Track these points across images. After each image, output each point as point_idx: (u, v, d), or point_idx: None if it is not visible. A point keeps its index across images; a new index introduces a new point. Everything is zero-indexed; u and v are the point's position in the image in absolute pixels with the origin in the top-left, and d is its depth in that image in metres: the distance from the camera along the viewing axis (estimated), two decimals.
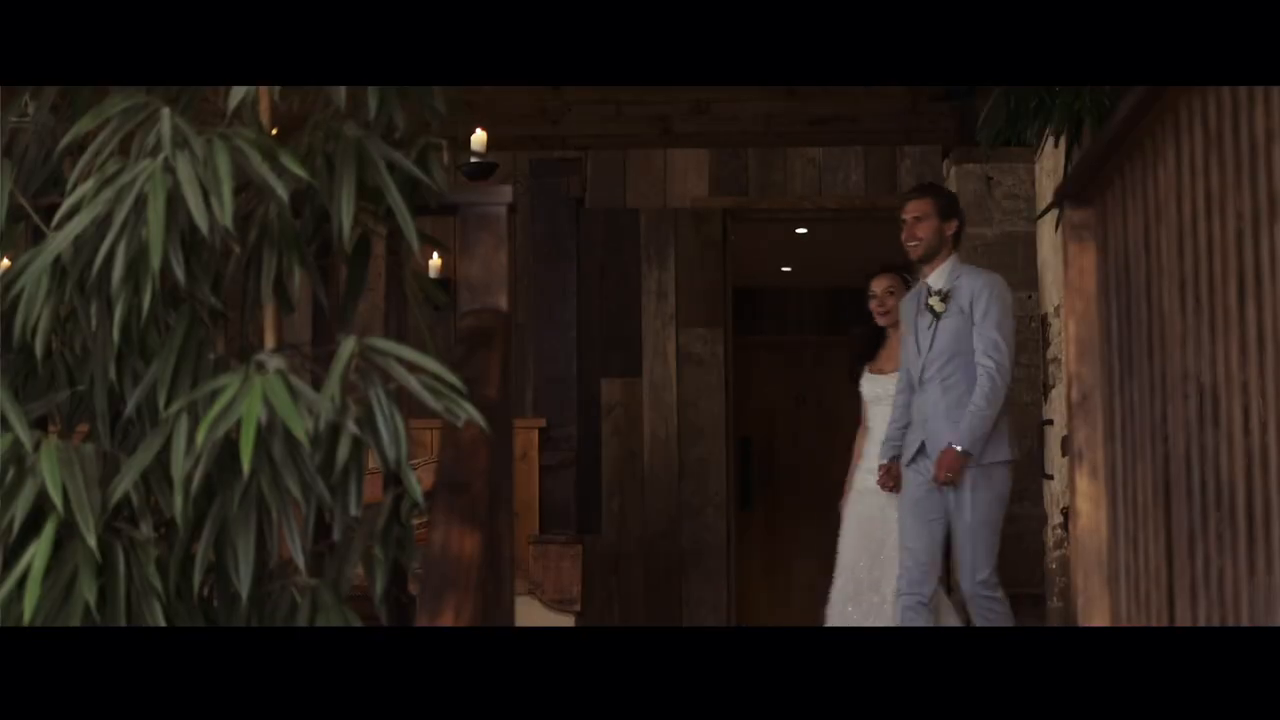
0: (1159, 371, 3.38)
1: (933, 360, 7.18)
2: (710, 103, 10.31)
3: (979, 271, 7.41)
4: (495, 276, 4.11)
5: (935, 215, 7.26)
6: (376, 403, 3.27)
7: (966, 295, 7.13)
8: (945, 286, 7.17)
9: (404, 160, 3.54)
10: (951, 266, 7.25)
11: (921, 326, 7.23)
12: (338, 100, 3.42)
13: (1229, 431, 2.90)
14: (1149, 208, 3.39)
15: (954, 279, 7.19)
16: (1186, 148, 3.08)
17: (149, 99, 3.45)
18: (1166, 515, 3.34)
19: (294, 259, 3.49)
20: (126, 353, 3.39)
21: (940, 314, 7.15)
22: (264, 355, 3.33)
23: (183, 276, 3.27)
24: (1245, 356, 2.79)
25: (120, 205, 3.23)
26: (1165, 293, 3.29)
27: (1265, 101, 2.61)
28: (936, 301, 7.15)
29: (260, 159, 3.32)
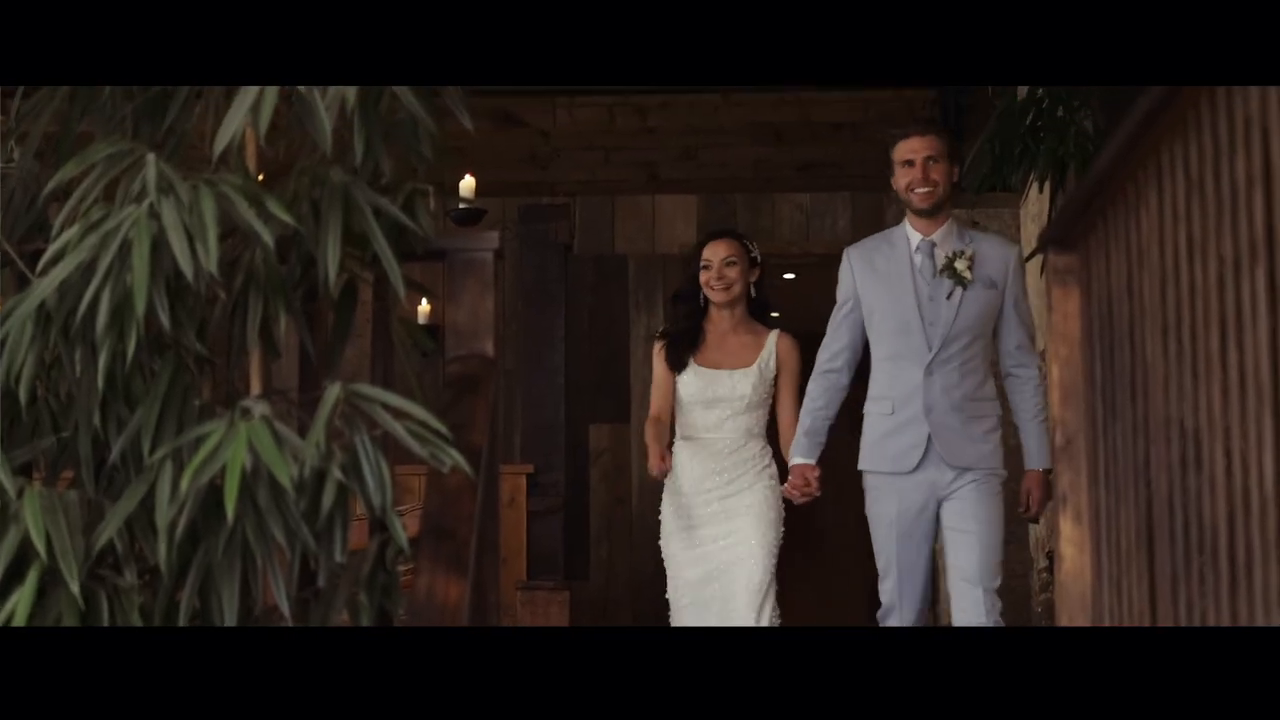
0: (1142, 415, 3.39)
1: (955, 338, 5.77)
2: (698, 149, 10.34)
3: (997, 237, 6.26)
4: (482, 322, 4.11)
5: (947, 158, 5.91)
6: (362, 449, 3.27)
7: (998, 266, 5.81)
8: (961, 249, 5.82)
9: (390, 206, 3.54)
10: (956, 226, 5.93)
11: (929, 294, 5.80)
12: (324, 145, 3.42)
13: (1211, 475, 2.91)
14: (1132, 252, 3.40)
15: (965, 241, 5.86)
16: (1169, 193, 3.10)
17: (134, 145, 3.46)
18: (1150, 559, 3.34)
19: (280, 305, 3.48)
20: (111, 399, 3.39)
21: (967, 282, 5.77)
22: (249, 401, 3.32)
23: (168, 322, 3.27)
24: (1227, 400, 2.80)
25: (105, 251, 3.23)
26: (1148, 337, 3.30)
27: (1246, 147, 2.63)
28: (964, 265, 5.77)
29: (246, 205, 3.32)
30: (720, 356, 6.58)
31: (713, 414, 6.52)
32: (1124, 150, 3.26)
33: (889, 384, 5.87)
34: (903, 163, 5.88)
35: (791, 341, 6.64)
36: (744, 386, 6.49)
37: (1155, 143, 3.13)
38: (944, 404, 5.75)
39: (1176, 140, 3.01)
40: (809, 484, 6.00)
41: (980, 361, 5.83)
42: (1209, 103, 2.79)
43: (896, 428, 5.81)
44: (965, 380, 5.78)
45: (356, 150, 3.52)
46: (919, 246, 5.86)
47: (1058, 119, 6.40)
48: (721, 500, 6.47)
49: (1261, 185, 2.57)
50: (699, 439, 6.55)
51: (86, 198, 3.36)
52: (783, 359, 6.58)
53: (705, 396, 6.51)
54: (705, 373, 6.53)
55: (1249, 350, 2.65)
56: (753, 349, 6.59)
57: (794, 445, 6.10)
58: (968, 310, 5.77)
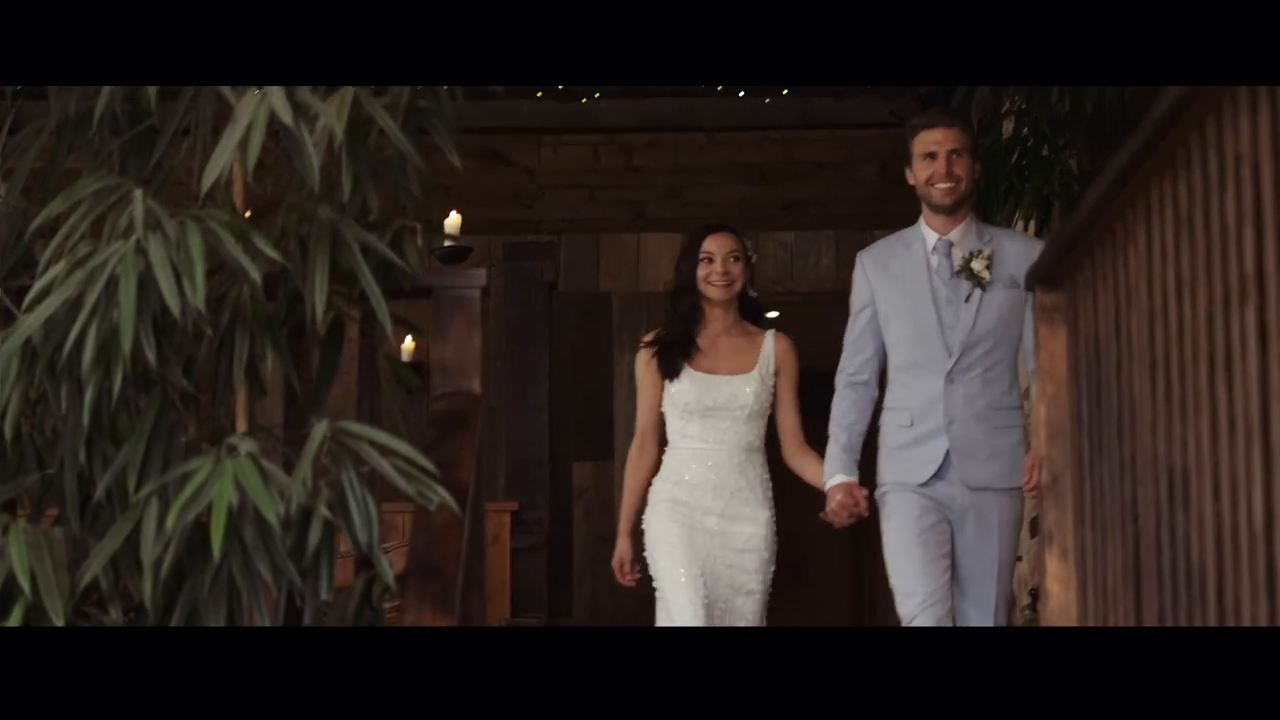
0: (1129, 453, 3.39)
1: (975, 343, 5.36)
2: (683, 188, 10.35)
3: (1019, 234, 5.86)
4: (469, 360, 4.12)
5: (971, 153, 5.47)
6: (349, 486, 3.26)
7: (1020, 263, 5.20)
8: (980, 248, 5.39)
9: (378, 243, 3.54)
10: (975, 224, 5.47)
11: (948, 296, 5.39)
12: (312, 182, 3.41)
13: (1200, 514, 2.90)
14: (1120, 290, 3.40)
15: (985, 239, 5.43)
16: (1157, 231, 3.10)
17: (121, 181, 3.45)
18: (1136, 597, 3.34)
19: (266, 342, 3.48)
20: (96, 436, 3.38)
21: (985, 283, 5.34)
22: (235, 438, 3.31)
23: (154, 359, 3.26)
24: (1216, 439, 2.80)
25: (91, 287, 3.22)
26: (1135, 375, 3.30)
27: (1236, 185, 2.63)
28: (981, 265, 5.34)
29: (233, 241, 3.32)
30: (716, 361, 5.95)
31: (710, 425, 5.90)
32: (1112, 188, 3.27)
33: (907, 394, 5.45)
34: (924, 155, 5.40)
35: (789, 343, 6.03)
36: (745, 394, 5.89)
37: (1144, 181, 3.14)
38: (967, 414, 5.34)
39: (1165, 178, 3.02)
40: (858, 504, 5.45)
41: (1005, 368, 5.39)
42: (1198, 141, 2.80)
43: (915, 440, 5.40)
44: (989, 389, 5.36)
45: (345, 187, 3.51)
46: (935, 246, 5.43)
47: (1043, 158, 6.41)
48: (720, 519, 5.85)
49: (1252, 223, 2.57)
50: (694, 450, 5.92)
51: (73, 234, 3.36)
52: (781, 362, 5.98)
53: (702, 405, 5.89)
54: (702, 379, 5.90)
55: (1238, 388, 2.65)
56: (749, 352, 5.99)
57: (831, 463, 5.55)
58: (988, 313, 5.35)
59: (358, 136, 3.54)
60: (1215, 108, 2.68)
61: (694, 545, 5.77)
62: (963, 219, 5.41)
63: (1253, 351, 2.58)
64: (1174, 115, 2.83)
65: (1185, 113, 2.79)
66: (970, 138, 5.44)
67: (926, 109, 6.03)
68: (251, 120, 3.35)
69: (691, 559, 5.75)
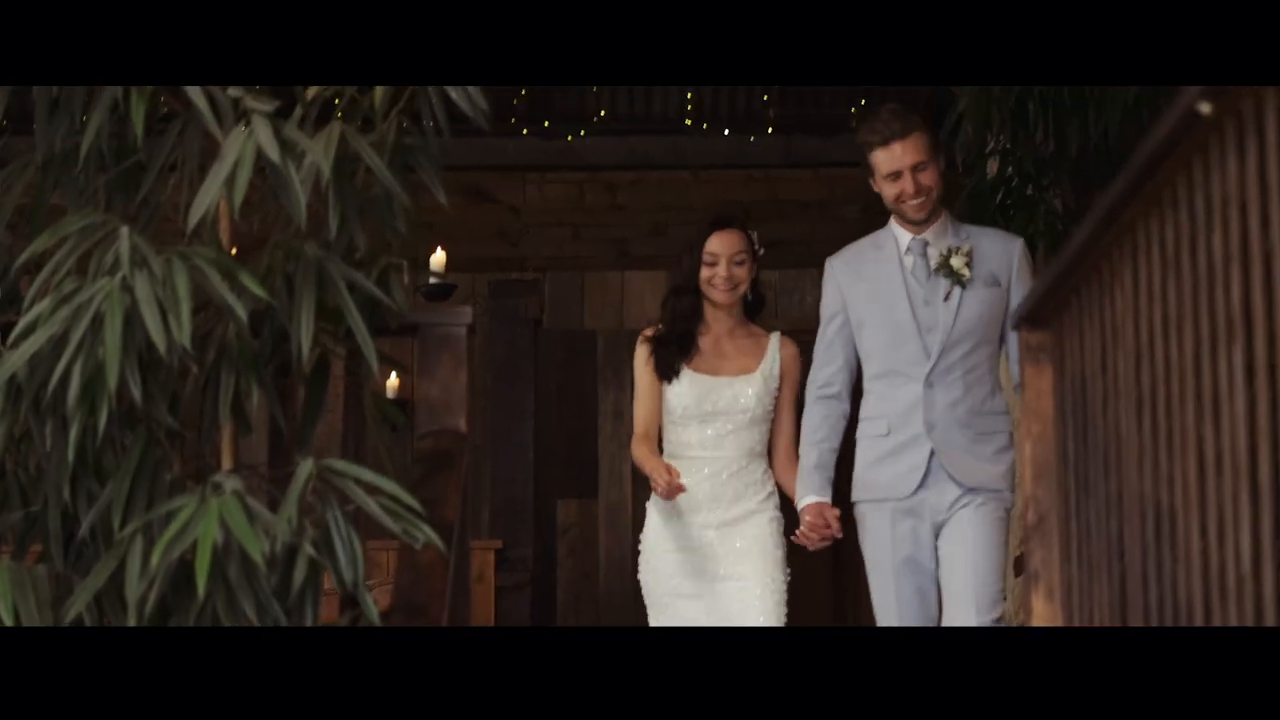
0: (1115, 492, 3.39)
1: (956, 344, 5.08)
2: (668, 225, 10.36)
3: (996, 230, 5.55)
4: (454, 397, 4.12)
5: (934, 155, 5.17)
6: (334, 524, 3.26)
7: (1000, 261, 5.12)
8: (957, 244, 5.14)
9: (364, 281, 3.55)
10: (950, 221, 5.22)
11: (925, 297, 5.13)
12: (298, 219, 3.42)
13: (1187, 553, 2.90)
14: (1106, 329, 3.41)
15: (961, 236, 5.18)
16: (1144, 270, 3.10)
17: (107, 217, 3.45)
18: None
19: (252, 379, 3.48)
20: (81, 473, 3.37)
21: (966, 280, 5.08)
22: (220, 476, 3.32)
23: (139, 396, 3.26)
24: (1203, 478, 2.80)
25: (77, 324, 3.22)
26: (1122, 413, 3.30)
27: (1223, 224, 2.63)
28: (961, 262, 5.08)
29: (219, 278, 3.32)
30: (717, 362, 5.61)
31: (709, 429, 5.55)
32: (1099, 228, 3.27)
33: (882, 403, 5.16)
34: (887, 176, 5.12)
35: (795, 349, 5.70)
36: (747, 397, 5.54)
37: (1130, 221, 3.14)
38: (948, 420, 5.04)
39: (1152, 218, 3.02)
40: (829, 524, 5.15)
41: (986, 371, 5.10)
42: (1185, 180, 2.80)
43: (894, 450, 5.09)
44: (971, 392, 5.06)
45: (331, 225, 3.52)
46: (910, 247, 5.16)
47: (1027, 197, 6.42)
48: (719, 530, 5.49)
49: (1239, 263, 2.57)
50: (692, 458, 5.55)
51: (59, 270, 3.36)
52: (786, 367, 5.65)
53: (702, 409, 5.54)
54: (702, 380, 5.56)
55: (1225, 427, 2.65)
56: (753, 354, 5.66)
57: (802, 482, 5.26)
58: (968, 312, 5.07)
59: (344, 174, 3.55)
60: (1202, 148, 2.68)
61: (690, 566, 5.46)
62: (936, 217, 5.15)
63: (1240, 390, 2.58)
64: (1161, 155, 2.83)
65: (1172, 153, 2.80)
66: (929, 139, 5.13)
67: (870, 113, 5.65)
68: (238, 157, 3.36)
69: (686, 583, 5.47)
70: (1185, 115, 2.64)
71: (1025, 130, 6.18)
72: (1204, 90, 2.55)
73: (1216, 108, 2.56)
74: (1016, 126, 6.18)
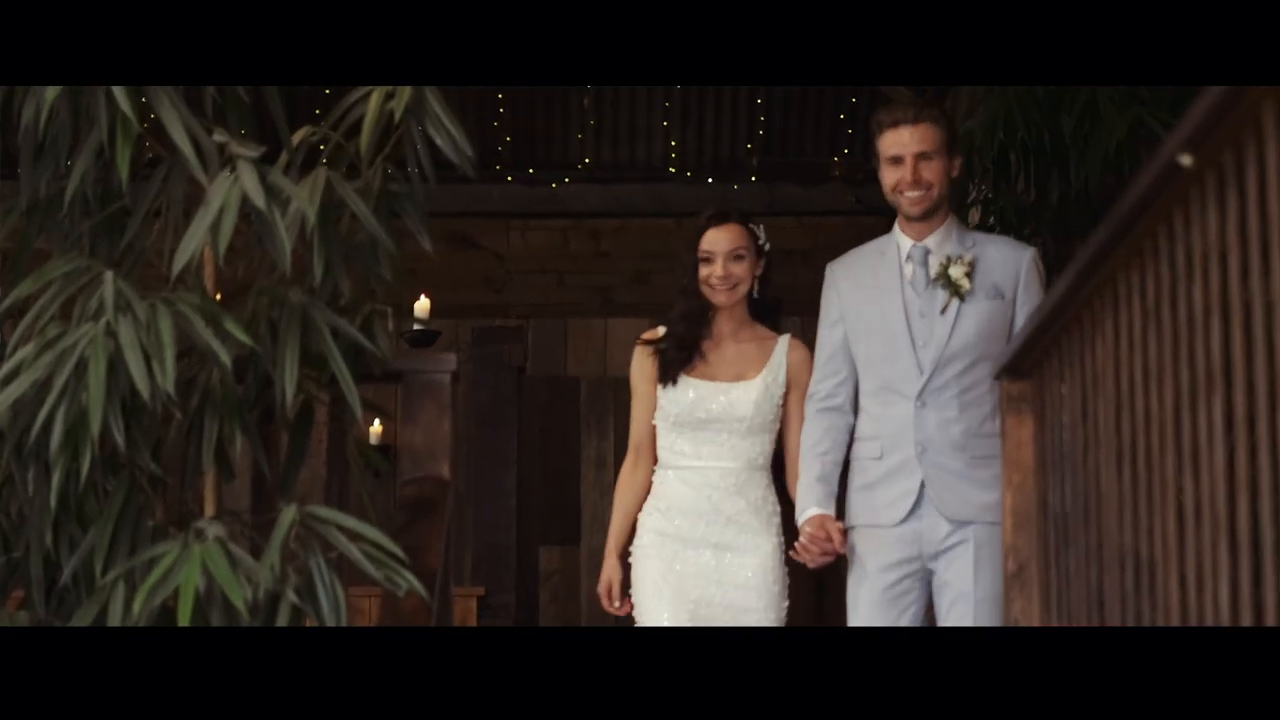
0: (1095, 543, 3.40)
1: (950, 360, 4.69)
2: (651, 273, 10.37)
3: (1006, 239, 5.14)
4: (439, 444, 4.12)
5: (945, 150, 4.77)
6: (317, 571, 3.25)
7: (1006, 271, 4.74)
8: (960, 253, 4.76)
9: (349, 327, 3.55)
10: (956, 227, 4.83)
11: (921, 308, 4.77)
12: (283, 266, 3.42)
13: (1165, 603, 2.91)
14: (1087, 380, 3.42)
15: (967, 245, 4.79)
16: (1125, 320, 3.12)
17: (91, 262, 3.45)
18: None
19: (235, 426, 3.48)
20: (63, 519, 3.37)
21: (964, 292, 4.70)
22: (203, 523, 3.31)
23: (123, 442, 3.26)
24: (1183, 529, 2.81)
25: (60, 369, 3.22)
26: (1102, 464, 3.31)
27: (1203, 276, 2.65)
28: (961, 272, 4.71)
29: (204, 324, 3.32)
30: (715, 367, 5.16)
31: (704, 438, 5.10)
32: (1080, 278, 3.29)
33: (876, 422, 4.80)
34: (889, 159, 4.76)
35: (805, 353, 5.19)
36: (743, 405, 5.09)
37: (1111, 272, 3.16)
38: (941, 442, 4.65)
39: (1133, 269, 3.04)
40: (830, 538, 4.74)
41: (986, 390, 4.64)
42: (1166, 233, 2.82)
43: (886, 474, 4.73)
44: (967, 413, 4.65)
45: (316, 271, 3.52)
46: (910, 254, 4.80)
47: None
48: (715, 551, 5.03)
49: (1219, 315, 2.59)
50: (687, 468, 5.13)
51: (43, 315, 3.36)
52: (794, 373, 5.17)
53: (695, 416, 5.10)
54: (697, 386, 5.12)
55: (1205, 478, 2.66)
56: (757, 358, 5.19)
57: (804, 494, 4.87)
58: (966, 326, 4.68)
59: (329, 220, 3.55)
60: (1183, 200, 2.70)
61: (683, 588, 4.96)
62: (940, 223, 4.78)
63: (1220, 442, 2.59)
64: (1142, 207, 2.86)
65: (1153, 204, 2.82)
66: (944, 132, 4.76)
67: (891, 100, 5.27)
68: (223, 203, 3.36)
69: (679, 605, 4.95)
70: (1166, 167, 2.66)
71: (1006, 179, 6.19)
72: (1185, 142, 2.57)
73: (1197, 160, 2.59)
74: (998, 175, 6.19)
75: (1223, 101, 2.41)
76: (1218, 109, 2.44)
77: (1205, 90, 2.45)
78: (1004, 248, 4.81)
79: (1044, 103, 5.60)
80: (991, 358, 4.57)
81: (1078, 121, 5.53)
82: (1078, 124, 5.53)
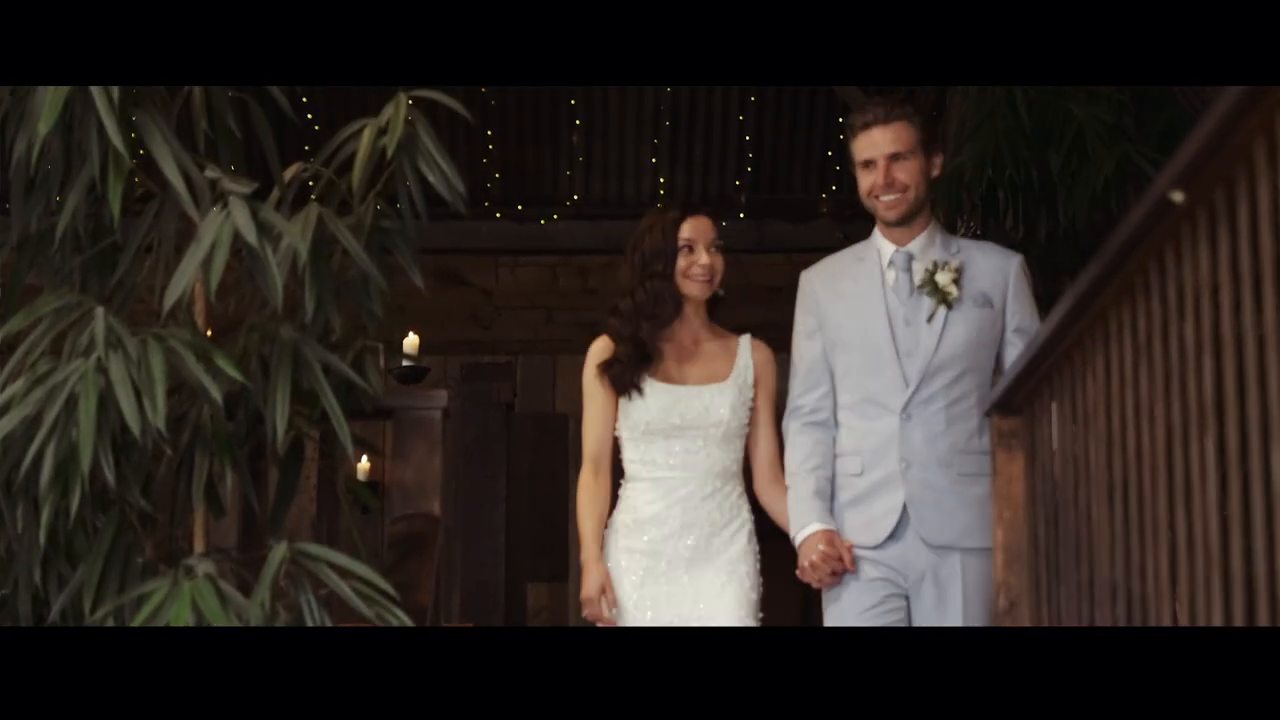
0: (1087, 579, 3.39)
1: (938, 371, 4.40)
2: None
3: (993, 245, 4.76)
4: (429, 481, 4.12)
5: (921, 150, 4.47)
6: (307, 608, 3.25)
7: (994, 279, 4.46)
8: (946, 259, 4.47)
9: (340, 364, 3.55)
10: (940, 232, 4.55)
11: (906, 317, 4.47)
12: (275, 302, 3.42)
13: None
14: (1078, 416, 3.42)
15: (952, 250, 4.51)
16: (1116, 357, 3.12)
17: (82, 298, 3.45)
18: None
19: (226, 462, 3.47)
20: (53, 556, 3.36)
21: (953, 299, 4.42)
22: (193, 559, 3.31)
23: (113, 479, 3.25)
24: (1175, 565, 2.81)
25: (51, 405, 3.21)
26: (1093, 501, 3.31)
27: (1195, 313, 2.65)
28: (948, 279, 4.43)
29: (195, 360, 3.31)
30: (683, 369, 4.78)
31: (677, 446, 4.71)
32: (1070, 314, 3.29)
33: (857, 436, 4.49)
34: (862, 163, 4.47)
35: (768, 352, 4.91)
36: (720, 407, 4.72)
37: (1103, 308, 3.16)
38: (926, 457, 4.35)
39: (1124, 305, 3.04)
40: (840, 557, 4.38)
41: (975, 404, 4.38)
42: (1158, 269, 2.82)
43: (867, 492, 4.42)
44: (955, 427, 4.37)
45: (307, 307, 3.52)
46: (892, 260, 4.50)
47: None
48: (690, 564, 4.64)
49: (1211, 351, 2.59)
50: (658, 480, 4.72)
51: (33, 351, 3.35)
52: (760, 373, 4.86)
53: (668, 422, 4.70)
54: (668, 391, 4.72)
55: (1197, 515, 2.66)
56: (722, 358, 4.84)
57: (802, 511, 4.51)
58: (954, 335, 4.40)
59: (321, 256, 3.55)
60: (1174, 236, 2.71)
61: (659, 607, 4.60)
62: (923, 227, 4.50)
63: (1212, 478, 2.59)
64: (1133, 243, 2.86)
65: (1144, 241, 2.82)
66: (918, 130, 4.46)
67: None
68: (215, 239, 3.36)
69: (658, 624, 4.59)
70: (1157, 203, 2.67)
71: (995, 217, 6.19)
72: (1176, 178, 2.58)
73: (1189, 196, 2.59)
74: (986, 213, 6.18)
75: (1214, 138, 2.42)
76: (1209, 145, 2.44)
77: (1197, 126, 2.46)
78: (991, 254, 4.54)
79: (1032, 139, 5.61)
80: (979, 369, 4.39)
81: (1065, 159, 5.54)
82: (1065, 161, 5.54)
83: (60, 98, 3.37)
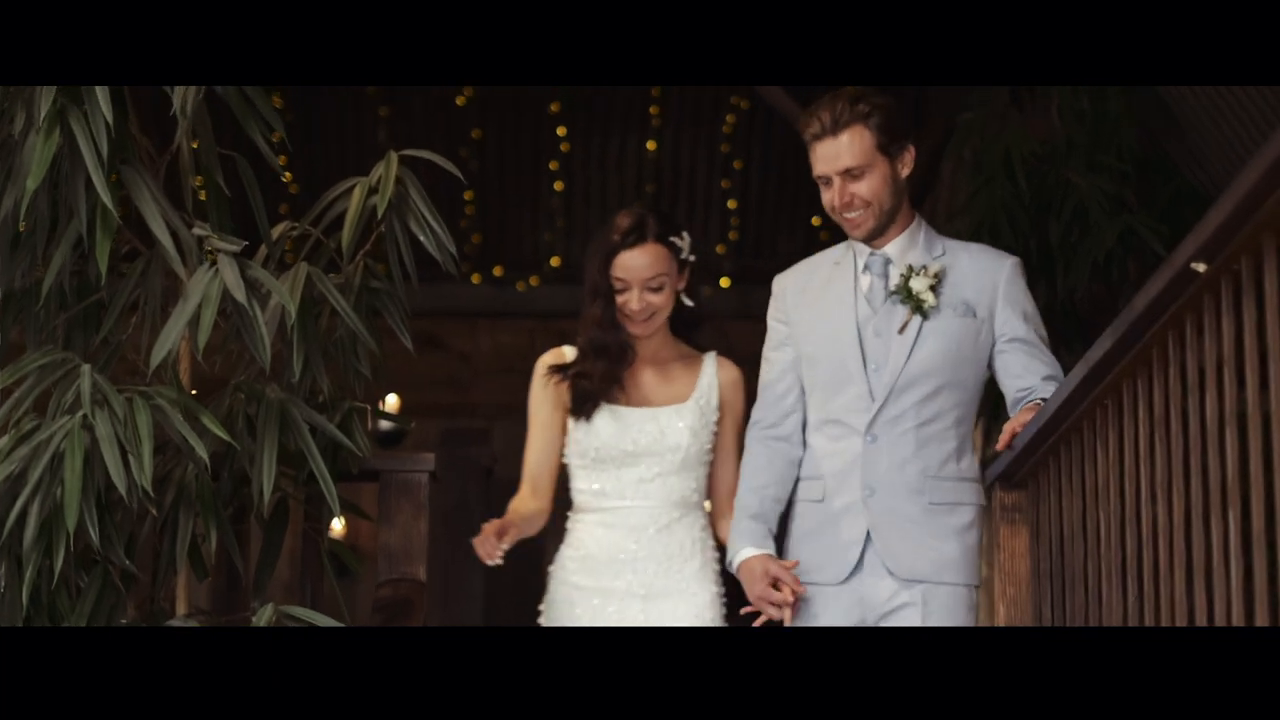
0: None
1: (907, 388, 3.91)
2: None
3: (983, 247, 4.20)
4: (415, 545, 4.06)
5: (881, 154, 3.91)
6: None
7: (980, 285, 3.96)
8: (926, 262, 3.97)
9: (328, 425, 3.52)
10: (922, 230, 4.04)
11: (876, 327, 3.97)
12: (263, 362, 3.38)
13: None
14: (1088, 492, 3.35)
15: (935, 252, 4.01)
16: (1130, 432, 3.05)
17: (67, 355, 3.40)
18: None
19: (210, 523, 3.44)
20: (35, 615, 3.30)
21: (928, 308, 3.92)
22: (175, 621, 3.26)
23: (97, 538, 3.20)
24: None
25: (36, 463, 3.17)
26: (1105, 579, 3.24)
27: (1216, 386, 2.59)
28: (923, 284, 3.93)
29: (181, 419, 3.27)
30: (639, 390, 4.29)
31: (631, 475, 4.22)
32: (1081, 388, 3.23)
33: (820, 459, 4.02)
34: (818, 179, 3.97)
35: (737, 373, 4.36)
36: (678, 432, 4.22)
37: (1116, 381, 3.10)
38: (894, 483, 3.88)
39: (1140, 377, 2.98)
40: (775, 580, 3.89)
41: (951, 424, 3.92)
42: (1177, 341, 2.76)
43: (828, 520, 3.95)
44: (925, 450, 3.89)
45: (295, 367, 3.48)
46: (868, 264, 4.01)
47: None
48: (644, 601, 4.17)
49: (1234, 425, 2.52)
50: (610, 510, 4.26)
51: (18, 408, 3.30)
52: (726, 396, 4.32)
53: (621, 448, 4.22)
54: (619, 414, 4.24)
55: (1219, 595, 2.58)
56: (683, 379, 4.33)
57: (737, 534, 4.02)
58: (928, 347, 3.91)
59: (309, 316, 3.52)
60: (1195, 307, 2.64)
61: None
62: (903, 227, 3.99)
63: (1236, 557, 2.51)
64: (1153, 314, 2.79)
65: (1164, 311, 2.76)
66: (875, 135, 3.90)
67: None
68: (203, 297, 3.31)
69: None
70: (1179, 272, 2.60)
71: None
72: (1199, 249, 2.51)
73: (1212, 266, 2.53)
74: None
75: (1241, 206, 2.35)
76: (1236, 214, 2.38)
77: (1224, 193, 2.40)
78: (981, 257, 4.03)
79: (1032, 209, 5.56)
80: (959, 385, 3.92)
81: (1066, 229, 5.48)
82: (1066, 231, 5.48)
83: (49, 154, 3.31)
